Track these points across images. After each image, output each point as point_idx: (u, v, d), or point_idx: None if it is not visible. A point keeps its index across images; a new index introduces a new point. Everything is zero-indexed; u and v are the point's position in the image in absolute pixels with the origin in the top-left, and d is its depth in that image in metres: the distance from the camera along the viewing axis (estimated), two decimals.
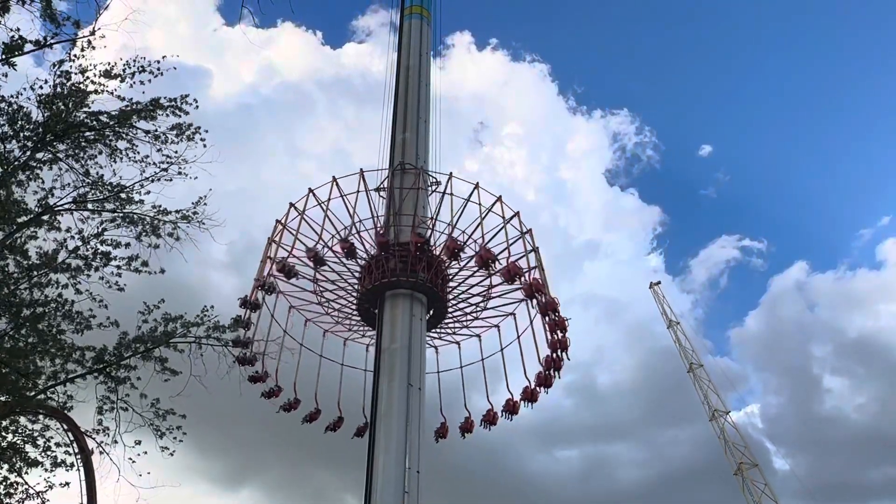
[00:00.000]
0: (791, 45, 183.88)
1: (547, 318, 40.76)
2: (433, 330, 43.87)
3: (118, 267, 19.59)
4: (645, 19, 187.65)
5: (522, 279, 39.86)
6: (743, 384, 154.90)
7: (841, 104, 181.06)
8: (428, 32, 50.59)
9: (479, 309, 44.64)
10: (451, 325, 45.49)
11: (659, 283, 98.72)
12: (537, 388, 41.94)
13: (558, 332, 40.94)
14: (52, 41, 18.01)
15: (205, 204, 21.01)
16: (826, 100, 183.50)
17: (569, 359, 41.39)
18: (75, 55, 18.52)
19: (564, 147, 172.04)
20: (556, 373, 41.37)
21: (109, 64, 19.07)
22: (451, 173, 42.43)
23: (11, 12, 17.14)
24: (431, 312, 41.32)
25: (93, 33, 18.29)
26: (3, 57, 17.17)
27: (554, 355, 41.26)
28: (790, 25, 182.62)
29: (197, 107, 20.48)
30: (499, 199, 42.52)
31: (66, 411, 20.62)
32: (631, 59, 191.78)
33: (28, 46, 17.37)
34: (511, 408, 42.56)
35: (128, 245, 19.89)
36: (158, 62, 19.72)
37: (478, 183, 42.19)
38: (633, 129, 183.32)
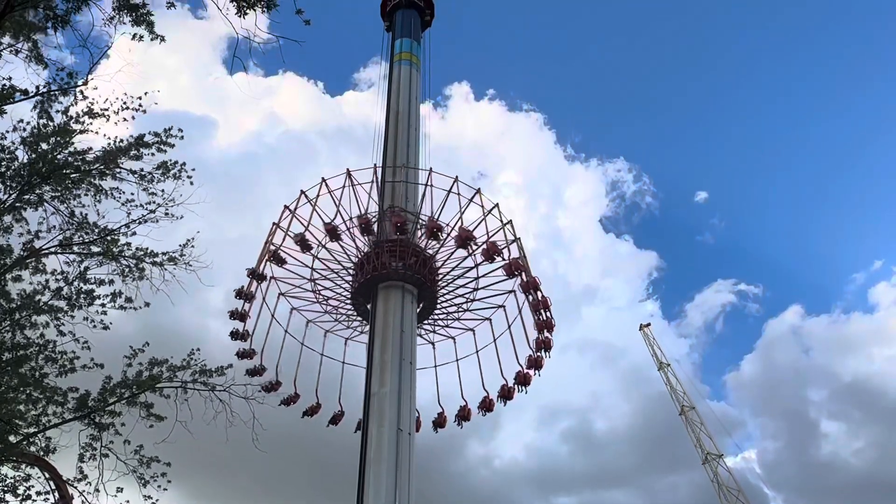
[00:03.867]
0: (784, 92, 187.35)
1: (530, 297, 42.54)
2: (427, 323, 45.79)
3: (102, 305, 19.35)
4: (640, 68, 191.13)
5: (502, 258, 41.51)
6: (740, 429, 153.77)
7: (833, 150, 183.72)
8: (417, 78, 51.25)
9: (469, 300, 45.73)
10: (444, 319, 47.00)
11: (649, 324, 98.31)
12: (529, 372, 43.63)
13: (542, 312, 42.54)
14: (44, 90, 18.10)
15: (192, 246, 20.90)
16: (819, 146, 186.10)
17: (553, 342, 43.07)
18: (54, 93, 18.46)
19: (562, 195, 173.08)
20: (547, 353, 43.20)
21: (91, 101, 18.95)
22: (430, 168, 44.21)
23: (4, 61, 17.29)
24: (422, 305, 42.73)
25: (86, 83, 18.38)
26: None
27: (541, 337, 43.10)
28: (782, 74, 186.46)
29: (182, 137, 20.33)
30: (478, 191, 44.18)
31: (46, 457, 20.17)
32: (626, 108, 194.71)
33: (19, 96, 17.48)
34: (505, 393, 44.13)
35: (111, 282, 19.67)
36: (140, 98, 19.54)
37: (457, 177, 43.79)
38: (632, 177, 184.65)
